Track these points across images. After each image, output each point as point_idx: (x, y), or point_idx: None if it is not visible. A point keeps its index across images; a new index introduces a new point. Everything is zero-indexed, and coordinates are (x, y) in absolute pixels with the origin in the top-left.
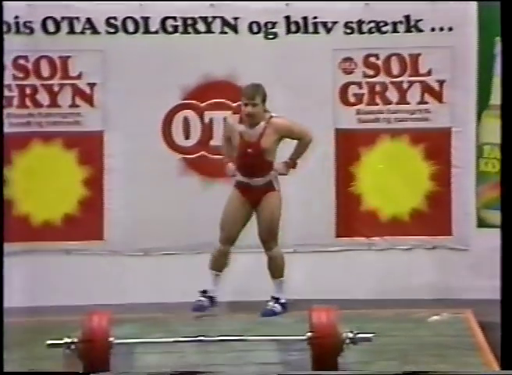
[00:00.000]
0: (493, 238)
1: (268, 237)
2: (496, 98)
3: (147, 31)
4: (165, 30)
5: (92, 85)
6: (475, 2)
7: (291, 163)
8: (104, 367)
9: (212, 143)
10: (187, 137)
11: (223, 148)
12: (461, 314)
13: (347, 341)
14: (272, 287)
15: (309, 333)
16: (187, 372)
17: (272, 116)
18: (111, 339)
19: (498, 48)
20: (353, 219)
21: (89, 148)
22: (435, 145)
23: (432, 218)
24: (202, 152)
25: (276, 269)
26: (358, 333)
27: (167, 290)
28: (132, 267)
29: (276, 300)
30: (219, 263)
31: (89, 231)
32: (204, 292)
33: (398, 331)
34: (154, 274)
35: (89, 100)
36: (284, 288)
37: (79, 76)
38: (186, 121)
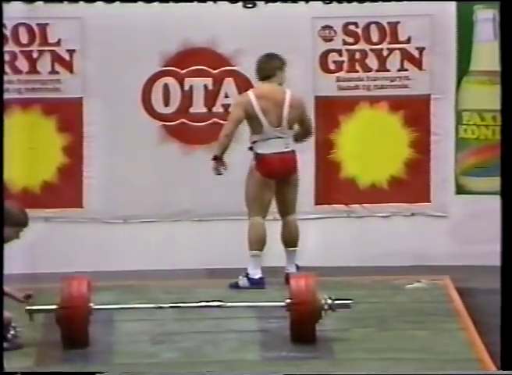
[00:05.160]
0: (472, 205)
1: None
2: (475, 63)
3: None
4: None
5: (71, 52)
6: None
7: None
8: (82, 333)
9: (192, 110)
10: (167, 104)
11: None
12: (439, 280)
13: (326, 307)
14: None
15: (288, 300)
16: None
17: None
18: (90, 305)
19: (477, 15)
20: (332, 186)
21: (68, 115)
22: (415, 112)
23: (411, 185)
24: (182, 120)
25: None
26: (336, 300)
27: (145, 257)
28: (111, 235)
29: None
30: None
31: (68, 199)
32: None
33: (376, 298)
34: (133, 242)
35: (68, 67)
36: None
37: (58, 43)
38: (166, 88)
